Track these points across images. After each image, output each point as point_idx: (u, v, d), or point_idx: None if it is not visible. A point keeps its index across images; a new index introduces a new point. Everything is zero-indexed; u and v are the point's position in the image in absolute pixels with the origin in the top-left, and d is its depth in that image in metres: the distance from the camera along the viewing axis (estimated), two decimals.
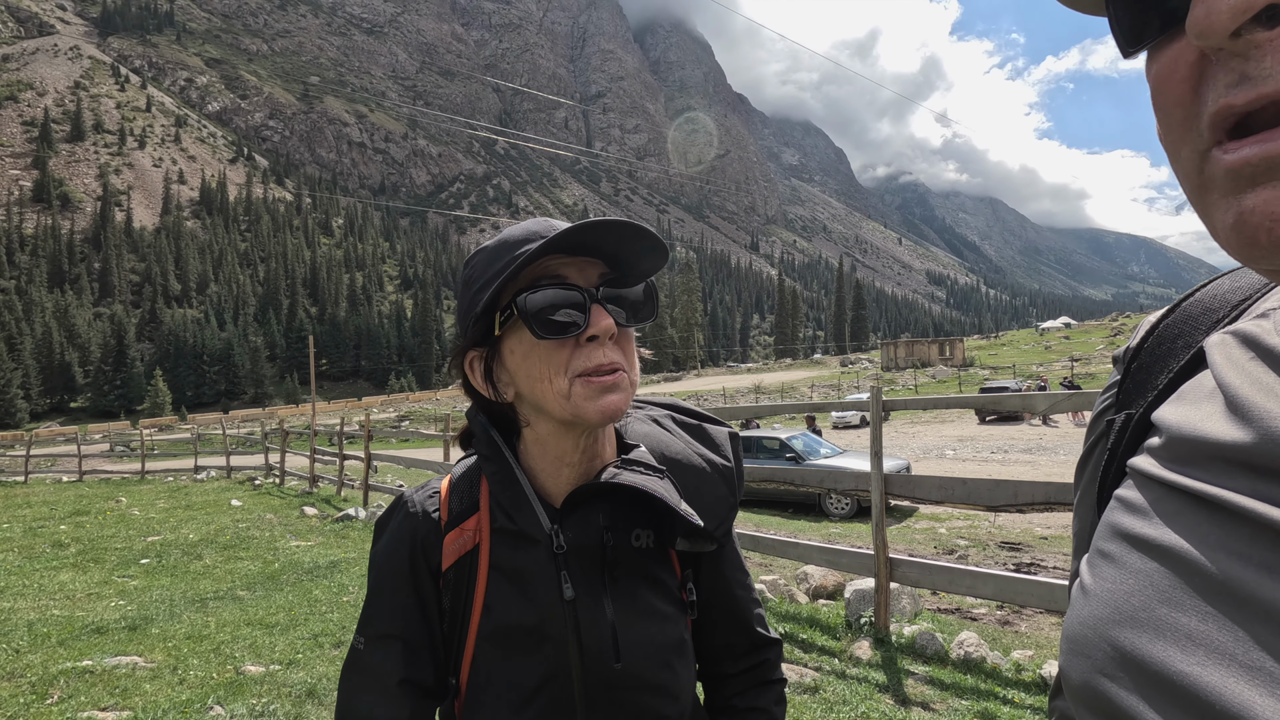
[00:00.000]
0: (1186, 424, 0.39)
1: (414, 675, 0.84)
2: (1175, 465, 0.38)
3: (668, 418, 0.95)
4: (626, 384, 0.78)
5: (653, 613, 0.83)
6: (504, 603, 0.81)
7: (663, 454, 0.88)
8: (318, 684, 4.13)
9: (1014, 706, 3.45)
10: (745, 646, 0.94)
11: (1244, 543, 0.33)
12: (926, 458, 17.96)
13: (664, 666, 0.83)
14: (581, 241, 0.76)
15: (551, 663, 0.80)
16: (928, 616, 5.00)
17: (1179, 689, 0.32)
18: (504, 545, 0.83)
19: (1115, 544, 0.40)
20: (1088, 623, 0.39)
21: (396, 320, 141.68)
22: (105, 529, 10.51)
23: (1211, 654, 0.32)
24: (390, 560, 0.86)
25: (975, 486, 4.05)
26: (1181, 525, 0.36)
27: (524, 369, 0.78)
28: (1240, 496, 0.34)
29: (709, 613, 0.91)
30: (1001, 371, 47.28)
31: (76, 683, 4.30)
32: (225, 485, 16.41)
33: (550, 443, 0.83)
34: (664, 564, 0.86)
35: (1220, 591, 0.33)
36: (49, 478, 22.08)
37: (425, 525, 0.86)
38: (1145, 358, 0.48)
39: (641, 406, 0.97)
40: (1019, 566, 6.83)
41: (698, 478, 0.87)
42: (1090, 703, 0.38)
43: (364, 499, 11.39)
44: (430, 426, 39.63)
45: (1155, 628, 0.34)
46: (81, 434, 28.17)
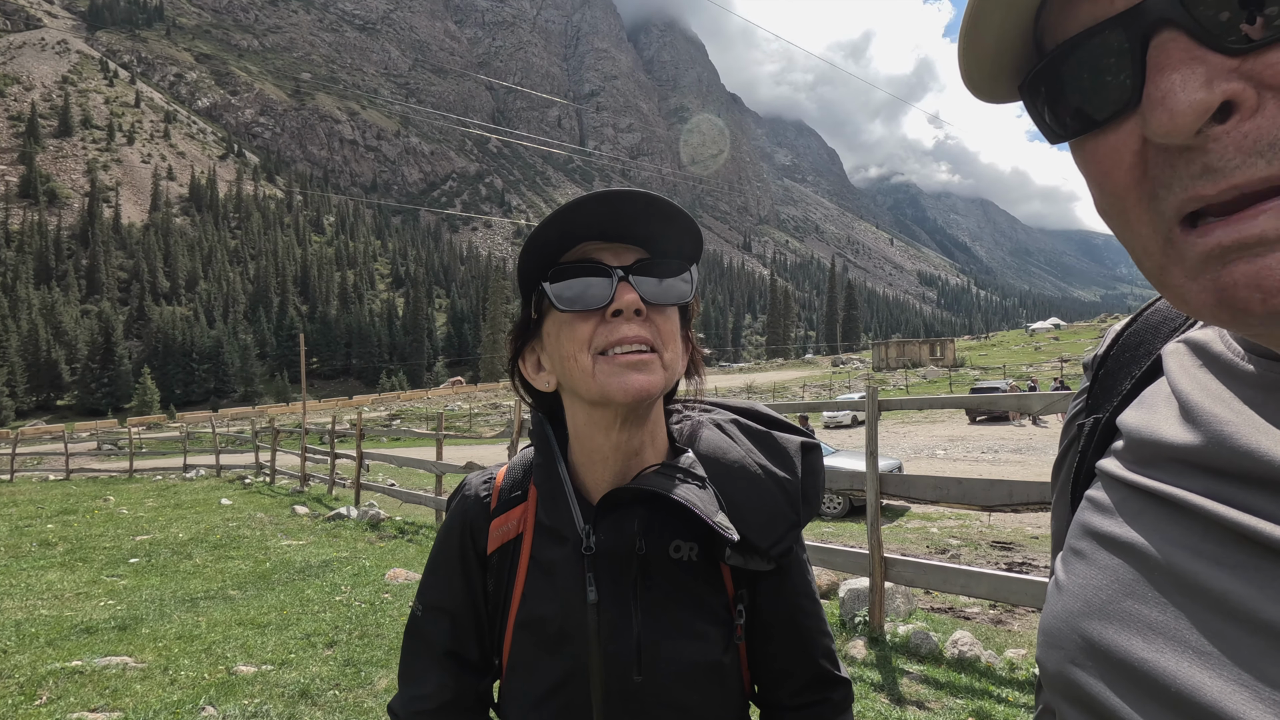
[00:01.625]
0: (1145, 428, 0.41)
1: (459, 648, 0.87)
2: (1137, 467, 0.41)
3: (732, 423, 0.90)
4: (658, 365, 0.76)
5: (686, 630, 0.79)
6: (536, 595, 0.82)
7: (718, 461, 0.84)
8: (310, 684, 4.10)
9: (1008, 705, 3.47)
10: (805, 679, 0.88)
11: (1198, 538, 0.36)
12: (918, 457, 18.04)
13: (692, 687, 0.79)
14: (617, 225, 0.75)
15: (571, 663, 0.79)
16: (922, 616, 5.02)
17: (1140, 674, 0.35)
18: (542, 539, 0.83)
19: (1085, 542, 0.42)
20: (1060, 616, 0.41)
21: (388, 319, 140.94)
22: (93, 528, 10.41)
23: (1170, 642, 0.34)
24: (447, 537, 0.89)
25: (970, 486, 4.06)
26: (1144, 524, 0.39)
27: (557, 350, 0.78)
28: (1195, 496, 0.36)
29: (768, 637, 0.86)
30: (992, 372, 47.58)
31: (66, 683, 4.25)
32: (215, 484, 16.29)
33: (585, 434, 0.82)
34: (710, 580, 0.82)
35: (1177, 584, 0.35)
36: (35, 476, 21.86)
37: (476, 509, 0.88)
38: (1111, 364, 0.51)
39: (710, 410, 0.93)
40: (1011, 566, 6.87)
41: (753, 489, 0.82)
42: (1064, 691, 0.40)
43: (356, 498, 11.33)
44: (422, 425, 39.49)
45: (1121, 619, 0.37)
46: (69, 432, 27.91)
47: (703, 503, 0.77)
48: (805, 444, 0.88)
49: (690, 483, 0.79)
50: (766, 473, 0.84)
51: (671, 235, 0.78)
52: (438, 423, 10.15)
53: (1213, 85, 0.29)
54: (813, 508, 0.85)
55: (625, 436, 0.80)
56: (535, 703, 0.80)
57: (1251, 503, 0.34)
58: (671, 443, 0.86)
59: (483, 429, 35.49)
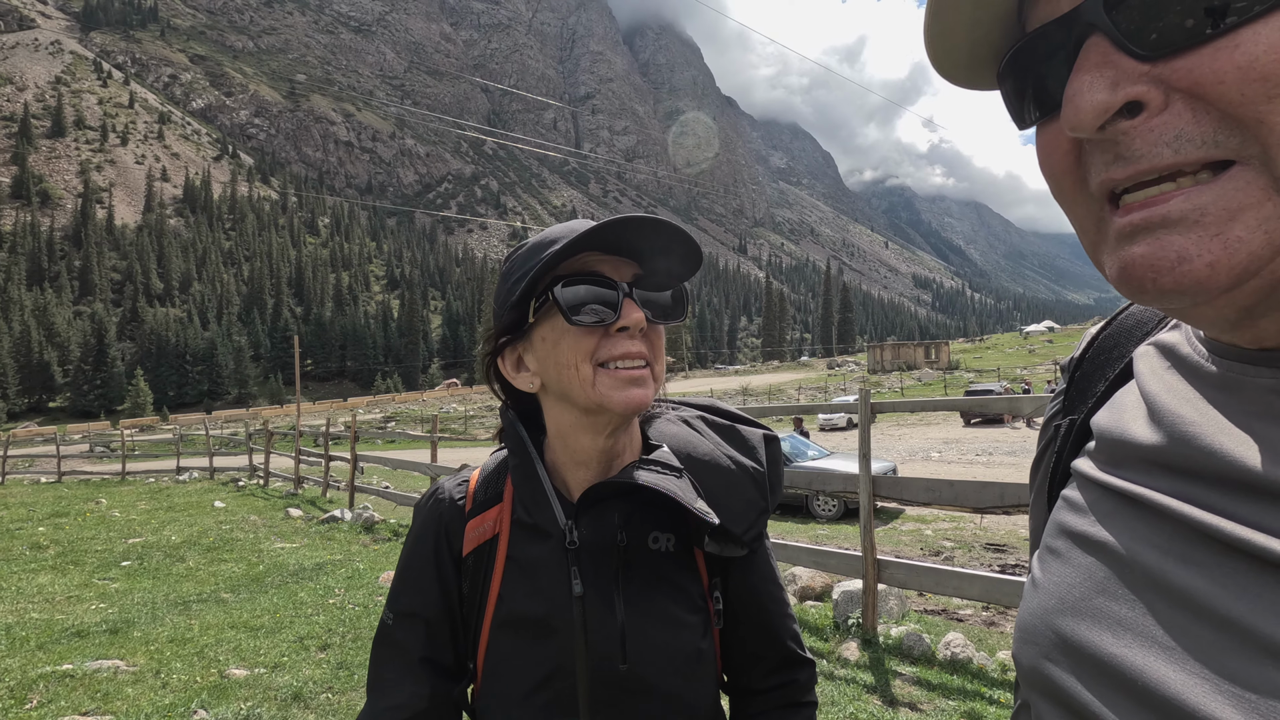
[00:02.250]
0: (1116, 428, 0.43)
1: (434, 654, 0.86)
2: (1109, 467, 0.43)
3: (699, 418, 0.94)
4: (650, 380, 0.79)
5: (668, 618, 0.82)
6: (516, 594, 0.82)
7: (689, 455, 0.87)
8: (304, 687, 4.09)
9: (999, 706, 3.48)
10: (774, 662, 0.91)
11: (1166, 538, 0.37)
12: (912, 460, 18.08)
13: (675, 674, 0.81)
14: (621, 239, 0.77)
15: (557, 658, 0.80)
16: (915, 617, 5.03)
17: (1109, 669, 0.37)
18: (521, 538, 0.84)
19: (1060, 541, 0.44)
20: (1035, 613, 0.43)
21: (383, 320, 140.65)
22: (85, 531, 10.35)
23: (1138, 637, 0.36)
24: (419, 542, 0.89)
25: (962, 488, 4.08)
26: (1115, 523, 0.40)
27: (553, 356, 0.79)
28: (1162, 496, 0.38)
29: (737, 623, 0.89)
30: (986, 374, 47.73)
31: (56, 687, 4.23)
32: (208, 486, 16.21)
33: (571, 437, 0.83)
34: (687, 569, 0.85)
35: (1146, 582, 0.37)
36: (27, 479, 21.72)
37: (451, 511, 0.88)
38: (1087, 367, 0.53)
39: (675, 407, 0.96)
40: (1004, 568, 6.90)
41: (725, 479, 0.86)
42: (1038, 685, 0.42)
43: (350, 500, 11.30)
44: (417, 427, 39.39)
45: (1092, 616, 0.39)
46: (60, 434, 27.76)
47: (683, 492, 0.80)
48: (766, 436, 0.92)
49: (669, 474, 0.81)
50: (735, 463, 0.87)
51: (673, 253, 0.79)
52: (432, 425, 10.13)
53: (1118, 88, 0.33)
54: (777, 495, 0.89)
55: (612, 442, 0.83)
56: (520, 699, 0.81)
57: (1215, 502, 0.35)
58: (645, 439, 0.89)
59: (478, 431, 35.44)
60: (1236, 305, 0.34)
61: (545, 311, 0.79)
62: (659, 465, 0.83)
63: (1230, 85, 0.31)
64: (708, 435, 0.91)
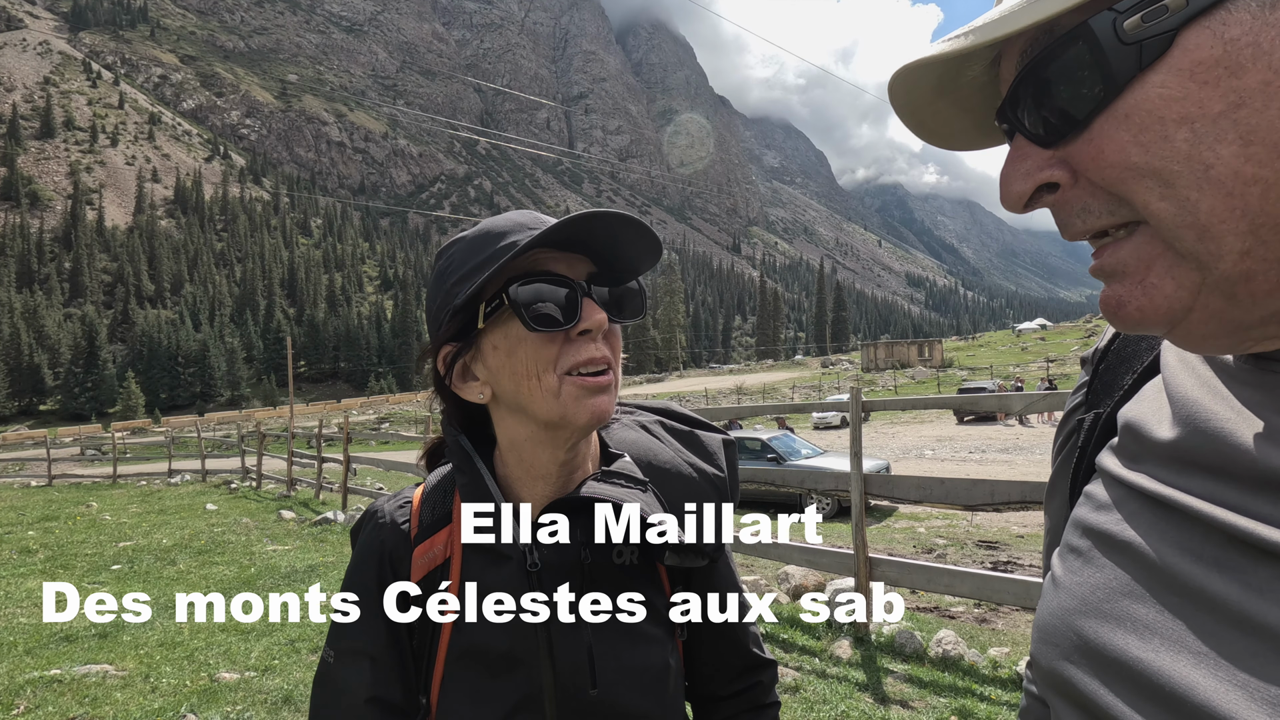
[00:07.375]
0: (1144, 423, 0.42)
1: (382, 693, 0.79)
2: (1135, 463, 0.42)
3: (657, 423, 0.90)
4: (613, 385, 0.74)
5: (636, 635, 0.78)
6: (474, 623, 0.76)
7: (650, 463, 0.84)
8: (294, 690, 4.07)
9: (990, 703, 3.49)
10: (739, 668, 0.90)
11: (1197, 541, 0.36)
12: (906, 458, 18.14)
13: (646, 693, 0.77)
14: (574, 236, 0.72)
15: (524, 688, 0.74)
16: (907, 615, 5.04)
17: (1135, 673, 0.36)
18: (476, 561, 0.78)
19: (1084, 539, 0.43)
20: (1056, 613, 0.42)
21: (376, 321, 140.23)
22: (75, 534, 10.28)
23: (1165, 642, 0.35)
24: (360, 573, 0.82)
25: (953, 486, 4.09)
26: (1142, 524, 0.39)
27: (509, 366, 0.73)
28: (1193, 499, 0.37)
29: (700, 632, 0.87)
30: (979, 372, 47.94)
31: (44, 692, 4.19)
32: (200, 489, 16.13)
33: (527, 450, 0.78)
34: (651, 582, 0.81)
35: (1174, 586, 0.36)
36: (17, 482, 21.57)
37: (394, 537, 0.81)
38: (1112, 359, 0.52)
39: (631, 411, 0.92)
40: (996, 565, 6.92)
41: (687, 488, 0.83)
42: (1057, 687, 0.41)
43: (343, 502, 11.25)
44: (410, 429, 39.26)
45: (1117, 618, 0.38)
46: (51, 437, 27.57)
47: (648, 506, 0.77)
48: (725, 441, 0.90)
49: (633, 487, 0.78)
50: (698, 471, 0.85)
51: (629, 244, 0.74)
52: (426, 426, 10.08)
53: (1030, 177, 0.38)
54: (736, 501, 0.87)
55: (572, 454, 0.78)
56: None
57: (1247, 504, 0.35)
58: (604, 448, 0.85)
59: None
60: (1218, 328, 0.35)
61: (498, 317, 0.73)
62: (622, 478, 0.79)
63: (1095, 170, 0.35)
64: (668, 442, 0.88)
